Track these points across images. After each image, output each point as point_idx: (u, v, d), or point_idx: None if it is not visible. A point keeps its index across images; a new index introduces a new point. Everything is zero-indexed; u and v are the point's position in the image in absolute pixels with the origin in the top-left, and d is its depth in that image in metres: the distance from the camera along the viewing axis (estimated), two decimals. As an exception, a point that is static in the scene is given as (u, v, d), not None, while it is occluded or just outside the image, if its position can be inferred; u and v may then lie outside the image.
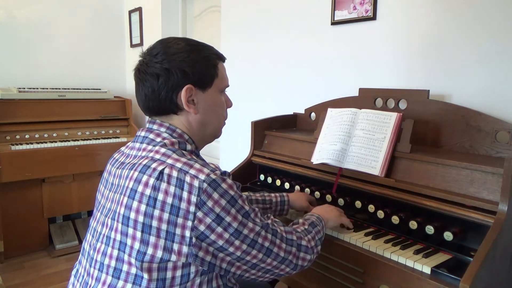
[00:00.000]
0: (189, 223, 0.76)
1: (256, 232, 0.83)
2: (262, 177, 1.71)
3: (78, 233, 3.03)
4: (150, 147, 0.88)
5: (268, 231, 0.85)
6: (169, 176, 0.79)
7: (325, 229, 1.07)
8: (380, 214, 1.22)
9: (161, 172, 0.79)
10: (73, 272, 0.97)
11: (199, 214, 0.77)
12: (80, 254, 0.96)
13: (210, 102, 0.96)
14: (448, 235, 1.05)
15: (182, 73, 0.89)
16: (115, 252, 0.82)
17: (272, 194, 1.32)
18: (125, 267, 0.80)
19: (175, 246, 0.77)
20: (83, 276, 0.90)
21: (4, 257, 2.72)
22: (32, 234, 2.85)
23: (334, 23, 1.81)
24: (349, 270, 1.12)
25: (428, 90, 1.38)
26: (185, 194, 0.77)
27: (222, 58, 1.00)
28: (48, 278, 2.52)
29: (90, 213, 3.19)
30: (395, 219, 1.18)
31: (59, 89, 3.08)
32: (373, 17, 1.65)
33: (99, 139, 3.04)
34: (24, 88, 2.89)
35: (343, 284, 1.14)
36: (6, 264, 2.69)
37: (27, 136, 2.82)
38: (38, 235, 2.88)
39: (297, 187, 1.50)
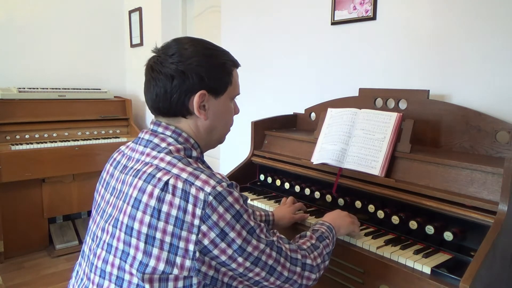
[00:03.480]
0: (193, 237, 0.75)
1: (260, 250, 0.81)
2: (262, 177, 1.71)
3: (78, 233, 3.03)
4: (154, 153, 0.86)
5: (273, 248, 0.84)
6: (174, 187, 0.77)
7: (335, 239, 1.05)
8: (380, 214, 1.22)
9: (166, 183, 0.78)
10: (74, 274, 0.97)
11: (204, 228, 0.75)
12: (80, 257, 0.95)
13: (221, 109, 0.94)
14: (448, 235, 1.05)
15: (198, 78, 0.87)
16: (117, 261, 0.81)
17: (257, 213, 1.24)
18: (127, 277, 0.79)
19: (178, 260, 0.76)
20: (82, 280, 0.89)
21: (4, 257, 2.72)
22: (32, 234, 2.85)
23: (334, 23, 1.81)
24: (349, 270, 1.12)
25: (428, 90, 1.38)
26: (190, 207, 0.75)
27: (237, 65, 0.98)
28: (48, 278, 2.53)
29: (90, 213, 3.18)
30: (395, 219, 1.18)
31: (59, 89, 3.08)
32: (373, 17, 1.65)
33: (99, 139, 3.04)
34: (24, 88, 2.89)
35: (343, 284, 1.14)
36: (6, 264, 2.69)
37: (27, 136, 2.82)
38: (38, 235, 2.88)
39: (297, 187, 1.50)
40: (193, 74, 0.86)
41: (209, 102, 0.91)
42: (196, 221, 0.75)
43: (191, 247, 0.75)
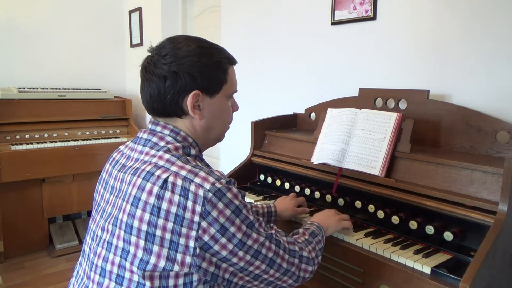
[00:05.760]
0: (193, 233, 0.75)
1: (260, 243, 0.82)
2: (262, 177, 1.71)
3: (78, 233, 3.03)
4: (153, 151, 0.86)
5: (272, 241, 0.85)
6: (174, 184, 0.77)
7: (325, 238, 1.06)
8: (380, 214, 1.22)
9: (166, 180, 0.78)
10: (74, 273, 0.97)
11: (204, 224, 0.75)
12: (81, 256, 0.96)
13: (216, 108, 0.93)
14: (448, 235, 1.05)
15: (190, 78, 0.86)
16: (117, 259, 0.81)
17: (259, 205, 1.28)
18: (127, 274, 0.79)
19: (179, 256, 0.76)
20: (82, 279, 0.89)
21: (4, 257, 2.72)
22: (32, 234, 2.85)
23: (334, 23, 1.81)
24: (349, 270, 1.12)
25: (428, 90, 1.38)
26: (189, 204, 0.76)
27: (233, 62, 0.96)
28: (48, 278, 2.53)
29: (90, 213, 3.19)
30: (395, 219, 1.18)
31: (59, 89, 3.08)
32: (373, 17, 1.65)
33: (99, 139, 3.04)
34: (24, 88, 2.89)
35: (343, 284, 1.14)
36: (6, 264, 2.69)
37: (27, 136, 2.82)
38: (38, 235, 2.89)
39: (297, 187, 1.50)
40: (185, 74, 0.86)
41: (204, 102, 0.90)
42: (196, 218, 0.75)
43: (191, 243, 0.76)
